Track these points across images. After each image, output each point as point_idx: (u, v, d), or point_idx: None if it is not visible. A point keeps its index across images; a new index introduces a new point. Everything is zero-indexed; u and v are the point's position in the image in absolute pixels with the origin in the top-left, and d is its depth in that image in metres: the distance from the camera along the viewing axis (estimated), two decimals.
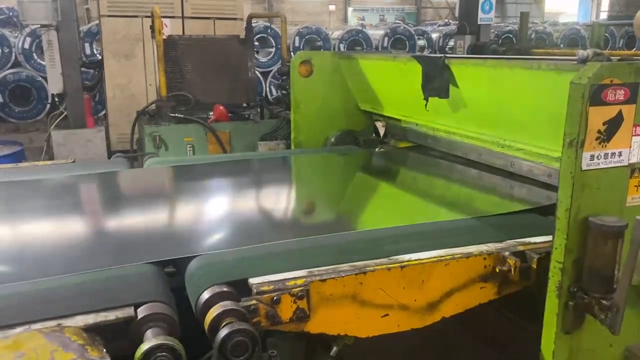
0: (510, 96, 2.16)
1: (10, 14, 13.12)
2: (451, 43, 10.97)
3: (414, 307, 1.54)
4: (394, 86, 2.98)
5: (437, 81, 2.49)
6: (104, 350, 1.11)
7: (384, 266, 1.50)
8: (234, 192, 2.53)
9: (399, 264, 1.51)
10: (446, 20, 19.49)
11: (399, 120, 3.09)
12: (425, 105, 2.62)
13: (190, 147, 5.06)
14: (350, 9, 23.74)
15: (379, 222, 2.03)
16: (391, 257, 1.55)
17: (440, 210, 2.21)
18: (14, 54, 10.20)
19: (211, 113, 5.31)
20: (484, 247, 1.62)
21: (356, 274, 1.46)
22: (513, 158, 2.26)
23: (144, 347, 1.14)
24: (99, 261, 1.53)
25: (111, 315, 1.24)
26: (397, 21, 17.94)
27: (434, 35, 13.64)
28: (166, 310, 1.26)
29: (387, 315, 1.51)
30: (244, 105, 5.88)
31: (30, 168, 2.71)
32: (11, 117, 9.82)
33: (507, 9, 21.70)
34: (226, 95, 5.62)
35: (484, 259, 1.58)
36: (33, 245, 1.77)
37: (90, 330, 1.19)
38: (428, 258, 1.56)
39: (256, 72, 7.34)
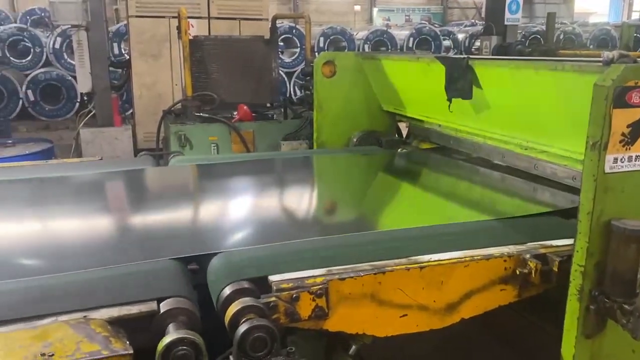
0: (534, 98, 2.14)
1: (42, 14, 13.44)
2: (477, 44, 10.85)
3: (433, 307, 1.54)
4: (417, 87, 2.97)
5: (460, 82, 2.48)
6: (127, 342, 1.14)
7: (403, 266, 1.51)
8: (257, 191, 2.56)
9: (418, 265, 1.52)
10: (473, 20, 19.30)
11: (422, 121, 3.09)
12: (449, 106, 2.61)
13: (214, 146, 5.12)
14: (375, 10, 23.67)
15: (399, 223, 2.03)
16: (410, 258, 1.55)
17: (461, 211, 2.20)
18: (45, 54, 10.44)
19: (235, 113, 5.36)
20: (504, 249, 1.61)
21: (375, 274, 1.47)
22: (537, 160, 2.24)
23: (166, 340, 1.16)
24: (124, 256, 1.57)
25: (135, 309, 1.27)
26: (423, 21, 17.84)
27: (460, 36, 13.52)
28: (188, 306, 1.29)
29: (405, 315, 1.52)
30: (268, 105, 5.92)
31: (60, 165, 2.79)
32: (42, 115, 10.06)
33: (536, 9, 21.37)
34: (250, 95, 5.67)
35: (505, 260, 1.58)
36: (61, 239, 1.82)
37: (115, 323, 1.22)
38: (448, 259, 1.56)
39: (280, 72, 7.39)
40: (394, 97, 3.18)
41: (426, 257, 1.56)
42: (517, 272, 1.57)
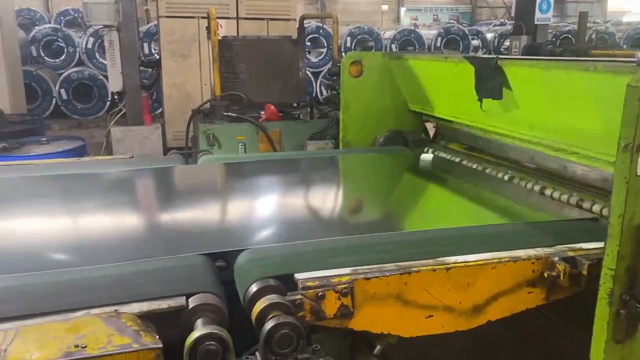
0: (565, 99, 2.11)
1: (76, 15, 13.76)
2: (507, 43, 10.71)
3: (459, 309, 1.53)
4: (445, 87, 2.95)
5: (489, 82, 2.45)
6: (157, 336, 1.17)
7: (429, 267, 1.50)
8: (283, 190, 2.58)
9: (444, 266, 1.51)
10: (502, 19, 19.03)
11: (450, 121, 3.06)
12: (480, 106, 2.59)
13: (241, 146, 5.18)
14: (403, 9, 23.54)
15: (425, 224, 2.02)
16: (437, 259, 1.55)
17: (489, 213, 2.18)
18: (77, 53, 10.69)
19: (263, 112, 5.40)
20: (532, 252, 1.60)
21: (401, 274, 1.47)
22: (567, 162, 2.20)
23: (194, 335, 1.18)
24: (154, 252, 1.60)
25: (164, 304, 1.29)
26: (451, 21, 17.67)
27: (489, 36, 13.36)
28: (216, 302, 1.31)
29: (431, 316, 1.51)
30: (295, 104, 5.96)
31: (92, 162, 2.85)
32: (74, 114, 10.30)
33: (567, 8, 20.97)
34: (277, 95, 5.71)
35: (532, 263, 1.56)
36: (93, 234, 1.86)
37: (144, 317, 1.25)
38: (474, 261, 1.55)
39: (307, 72, 7.41)
40: (421, 96, 3.16)
41: (452, 259, 1.55)
42: (545, 275, 1.55)
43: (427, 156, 3.06)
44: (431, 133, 3.50)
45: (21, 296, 1.31)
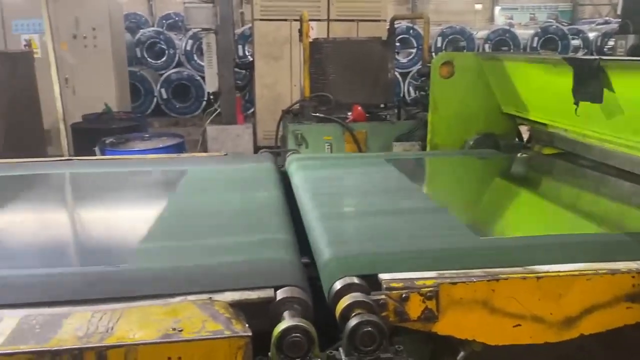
0: None
1: (177, 18, 14.57)
2: (611, 43, 10.03)
3: (549, 320, 1.47)
4: (542, 89, 2.83)
5: (590, 85, 2.33)
6: (247, 325, 1.23)
7: (519, 275, 1.46)
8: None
9: (535, 275, 1.46)
10: (606, 17, 17.85)
11: (545, 125, 2.94)
12: (576, 110, 2.46)
13: (328, 146, 5.25)
14: (497, 8, 22.72)
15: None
16: (527, 267, 1.50)
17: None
18: (177, 55, 11.32)
19: (350, 113, 5.44)
20: (633, 265, 1.50)
21: (488, 281, 1.43)
22: None
23: (282, 326, 1.23)
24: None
25: (253, 295, 1.35)
26: (550, 20, 16.83)
27: (591, 35, 12.59)
28: (302, 295, 1.35)
29: (519, 325, 1.47)
30: (382, 105, 5.95)
31: (190, 158, 3.02)
32: (173, 112, 10.92)
33: None
34: (365, 96, 5.73)
35: (633, 277, 1.47)
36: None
37: (235, 306, 1.31)
38: (568, 271, 1.48)
39: (396, 73, 7.37)
40: (515, 99, 3.06)
41: (544, 268, 1.49)
42: None
43: (521, 159, 2.96)
44: (525, 137, 3.37)
45: (128, 280, 1.42)
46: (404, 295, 1.38)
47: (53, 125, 7.14)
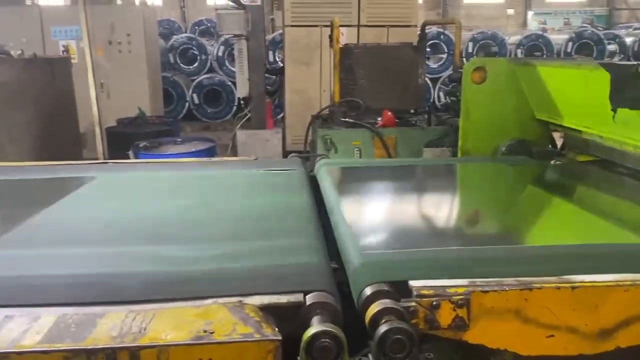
0: None
1: (209, 25, 14.79)
2: None
3: (584, 331, 1.44)
4: (576, 95, 2.78)
5: (628, 91, 2.28)
6: (276, 328, 1.23)
7: (553, 285, 1.43)
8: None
9: (569, 284, 1.43)
10: None
11: (580, 131, 2.88)
12: (613, 117, 2.41)
13: (357, 151, 5.24)
14: (530, 13, 22.40)
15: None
16: (561, 277, 1.47)
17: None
18: (209, 61, 11.49)
19: (379, 118, 5.43)
20: None
21: (521, 290, 1.41)
22: None
23: (312, 331, 1.23)
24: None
25: (283, 299, 1.36)
26: (584, 24, 16.51)
27: (628, 40, 12.29)
28: (332, 301, 1.35)
29: (552, 336, 1.44)
30: (412, 111, 5.91)
31: (222, 162, 3.06)
32: (204, 117, 11.09)
33: None
34: (395, 101, 5.71)
35: None
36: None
37: (265, 310, 1.32)
38: (604, 281, 1.45)
39: (426, 78, 7.33)
40: (549, 105, 3.00)
41: (579, 277, 1.46)
42: None
43: (555, 166, 2.91)
44: (558, 143, 3.31)
45: (161, 282, 1.45)
46: (434, 303, 1.37)
47: (88, 128, 7.33)
